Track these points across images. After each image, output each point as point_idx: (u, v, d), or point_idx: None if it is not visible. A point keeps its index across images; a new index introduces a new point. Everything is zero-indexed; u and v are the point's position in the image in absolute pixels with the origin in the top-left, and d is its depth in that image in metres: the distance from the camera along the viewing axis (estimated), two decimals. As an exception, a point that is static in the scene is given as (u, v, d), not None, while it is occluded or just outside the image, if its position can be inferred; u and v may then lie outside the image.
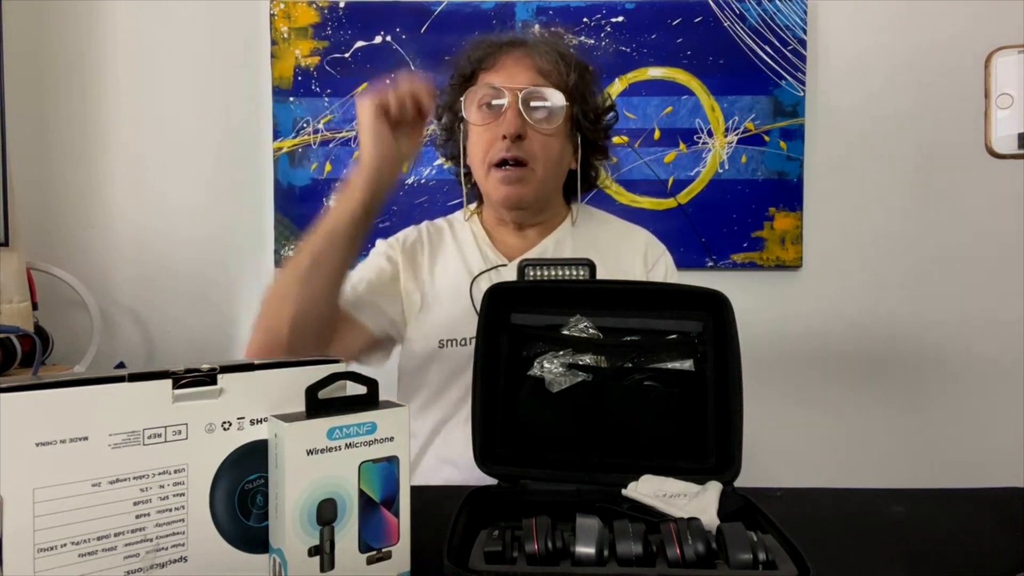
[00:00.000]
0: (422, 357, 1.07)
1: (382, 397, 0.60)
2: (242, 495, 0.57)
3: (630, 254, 1.14)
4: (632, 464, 0.76)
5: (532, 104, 1.04)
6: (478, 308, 1.04)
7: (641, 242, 1.17)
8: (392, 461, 0.59)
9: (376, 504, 0.58)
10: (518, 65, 1.07)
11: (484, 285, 1.07)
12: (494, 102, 1.06)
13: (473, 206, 1.19)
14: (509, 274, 1.08)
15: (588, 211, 1.21)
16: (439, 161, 1.68)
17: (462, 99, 1.08)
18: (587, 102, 1.10)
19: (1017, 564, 0.64)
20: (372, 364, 1.13)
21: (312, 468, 0.55)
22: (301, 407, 0.57)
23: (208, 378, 0.56)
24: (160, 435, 0.54)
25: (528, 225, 1.14)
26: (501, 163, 1.04)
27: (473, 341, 1.04)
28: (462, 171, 1.14)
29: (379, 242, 1.17)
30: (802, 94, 1.76)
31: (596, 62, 1.18)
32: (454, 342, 1.05)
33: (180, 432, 0.54)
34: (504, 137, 1.03)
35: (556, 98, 1.05)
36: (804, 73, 1.76)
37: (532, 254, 1.11)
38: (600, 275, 1.02)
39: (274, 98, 1.78)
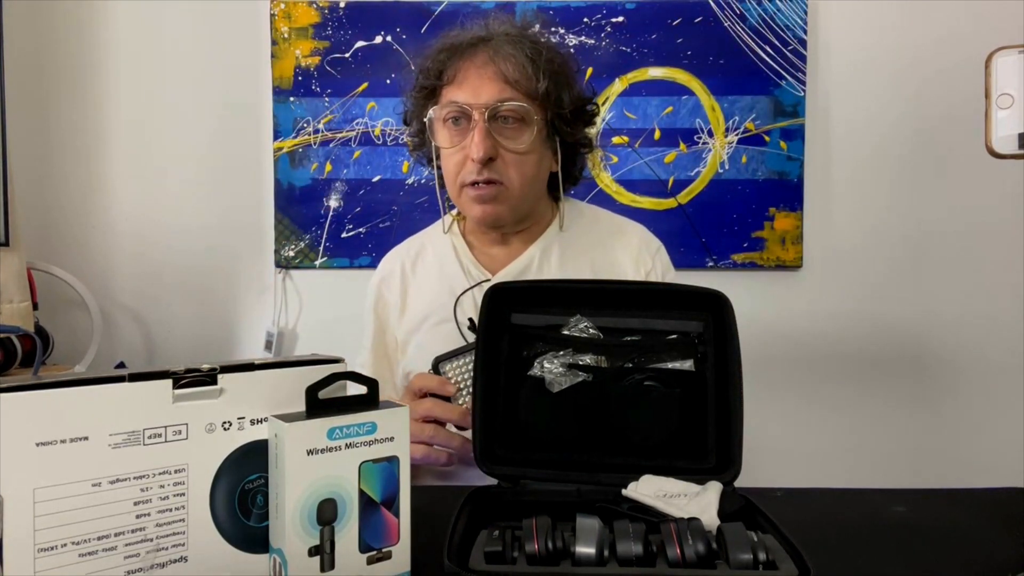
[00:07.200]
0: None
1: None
2: (242, 495, 0.57)
3: (623, 255, 1.08)
4: (632, 464, 0.76)
5: (500, 119, 0.96)
6: (463, 329, 1.01)
7: (634, 243, 1.09)
8: (392, 461, 0.59)
9: (376, 504, 0.58)
10: (482, 76, 0.96)
11: (467, 305, 1.03)
12: (460, 120, 0.98)
13: (455, 212, 1.11)
14: None
15: (578, 209, 1.13)
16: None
17: (427, 116, 1.01)
18: (562, 104, 1.00)
19: (1017, 564, 0.64)
20: None
21: (312, 468, 0.55)
22: (301, 407, 0.57)
23: (208, 378, 0.56)
24: (160, 435, 0.54)
25: (512, 233, 1.07)
26: (474, 183, 0.98)
27: None
28: (436, 176, 1.05)
29: (368, 288, 1.13)
30: (802, 94, 1.76)
31: (596, 62, 1.13)
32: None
33: (180, 432, 0.54)
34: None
35: (526, 111, 0.96)
36: (804, 73, 1.76)
37: (518, 265, 1.05)
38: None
39: (274, 98, 1.78)
